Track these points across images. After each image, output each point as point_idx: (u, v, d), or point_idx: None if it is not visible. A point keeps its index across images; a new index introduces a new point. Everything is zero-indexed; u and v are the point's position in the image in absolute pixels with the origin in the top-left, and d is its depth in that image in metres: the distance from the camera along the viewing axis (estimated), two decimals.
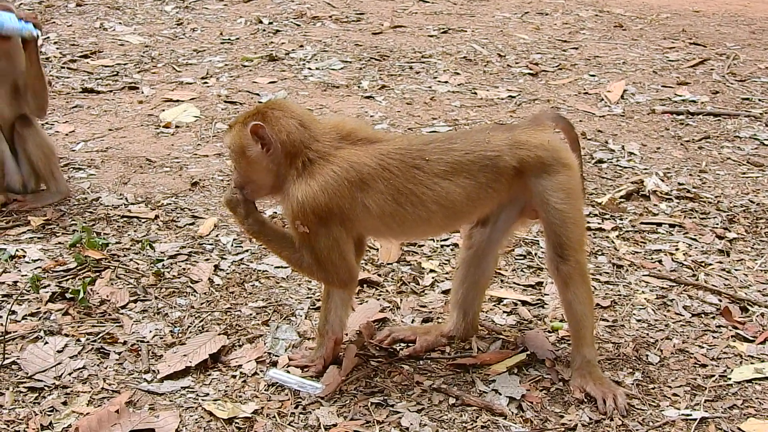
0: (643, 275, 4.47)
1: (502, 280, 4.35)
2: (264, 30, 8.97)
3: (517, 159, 3.25)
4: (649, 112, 6.92)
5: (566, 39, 9.10)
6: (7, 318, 3.75)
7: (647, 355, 3.71)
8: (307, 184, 3.15)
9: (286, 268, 4.34)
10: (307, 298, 4.09)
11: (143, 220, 4.83)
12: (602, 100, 7.20)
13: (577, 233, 3.34)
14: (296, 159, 3.20)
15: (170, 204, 5.05)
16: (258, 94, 7.00)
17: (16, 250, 4.41)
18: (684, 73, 8.03)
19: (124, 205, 5.02)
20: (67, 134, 6.10)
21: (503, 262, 4.52)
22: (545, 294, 4.25)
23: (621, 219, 5.07)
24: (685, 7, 10.94)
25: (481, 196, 3.29)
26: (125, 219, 4.85)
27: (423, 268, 4.44)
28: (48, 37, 8.34)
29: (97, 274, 4.20)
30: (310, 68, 7.74)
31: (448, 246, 4.68)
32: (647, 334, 3.88)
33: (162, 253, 4.45)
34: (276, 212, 4.91)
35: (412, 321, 3.98)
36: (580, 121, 6.66)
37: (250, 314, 3.95)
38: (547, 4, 10.69)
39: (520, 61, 8.19)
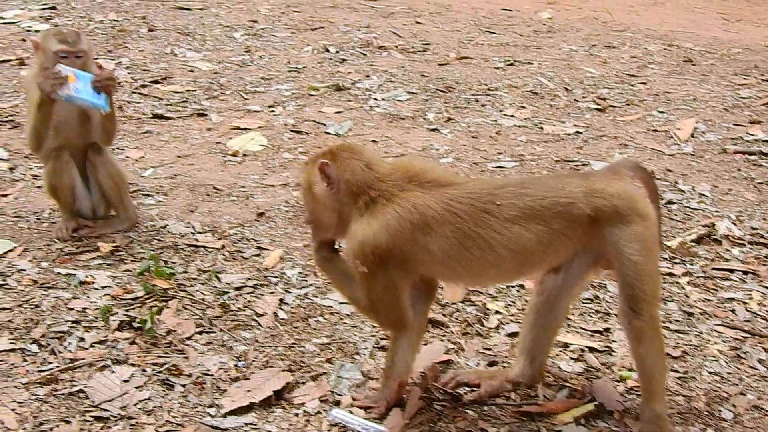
0: (715, 325, 4.38)
1: (569, 325, 4.29)
2: (331, 59, 9.02)
3: (592, 207, 3.20)
4: (720, 152, 6.81)
5: (634, 73, 9.01)
6: (77, 346, 3.78)
7: (720, 411, 3.63)
8: (368, 224, 3.19)
9: (350, 304, 4.32)
10: (371, 336, 4.07)
11: (210, 250, 4.86)
12: (671, 137, 7.11)
13: (652, 287, 3.27)
14: (359, 199, 3.24)
15: (236, 234, 5.07)
16: (324, 124, 7.03)
17: (86, 276, 4.45)
18: (756, 111, 7.90)
19: (191, 233, 5.05)
20: (136, 160, 6.17)
21: (570, 305, 4.46)
22: (613, 341, 4.18)
23: (692, 264, 4.98)
24: (757, 42, 10.79)
25: (553, 243, 3.24)
26: (192, 248, 4.88)
27: (488, 309, 4.40)
28: (120, 62, 8.47)
29: (164, 303, 4.23)
30: (375, 99, 7.75)
31: (513, 287, 4.64)
32: (720, 388, 3.80)
33: (228, 284, 4.47)
34: None
35: (477, 364, 3.94)
36: (649, 159, 6.57)
37: (314, 351, 3.94)
38: (614, 36, 10.62)
39: (587, 96, 8.13)
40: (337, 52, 9.32)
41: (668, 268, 4.92)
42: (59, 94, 4.54)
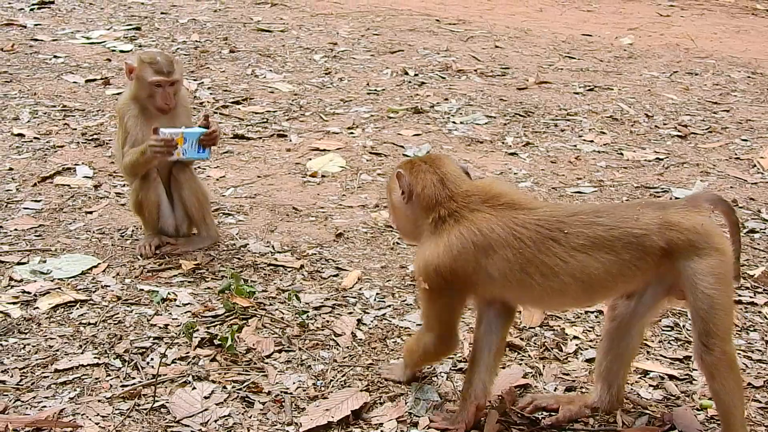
0: None
1: (648, 352, 4.24)
2: (410, 82, 9.07)
3: (665, 240, 3.17)
4: None
5: (717, 101, 8.89)
6: (159, 361, 3.85)
7: None
8: (435, 244, 3.27)
9: None
10: (449, 358, 4.06)
11: (289, 269, 4.91)
12: (755, 166, 7.00)
13: (726, 322, 3.21)
14: (430, 215, 3.33)
15: (315, 254, 5.12)
16: (402, 147, 7.07)
17: (168, 293, 4.53)
18: None
19: (271, 253, 5.12)
20: (218, 179, 6.27)
21: (650, 332, 4.42)
22: (694, 369, 4.12)
23: None
24: None
25: (623, 273, 3.22)
26: (271, 267, 4.94)
27: (566, 335, 4.37)
28: (202, 83, 8.63)
29: (244, 321, 4.28)
30: (454, 122, 7.77)
31: (592, 312, 4.60)
32: None
33: (306, 304, 4.51)
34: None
35: (555, 389, 3.92)
36: (731, 187, 6.48)
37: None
38: (697, 63, 10.50)
39: (668, 122, 8.04)
40: (416, 75, 9.37)
41: (750, 297, 4.84)
42: (168, 159, 4.68)
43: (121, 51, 9.81)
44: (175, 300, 4.49)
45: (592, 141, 7.44)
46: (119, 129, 4.92)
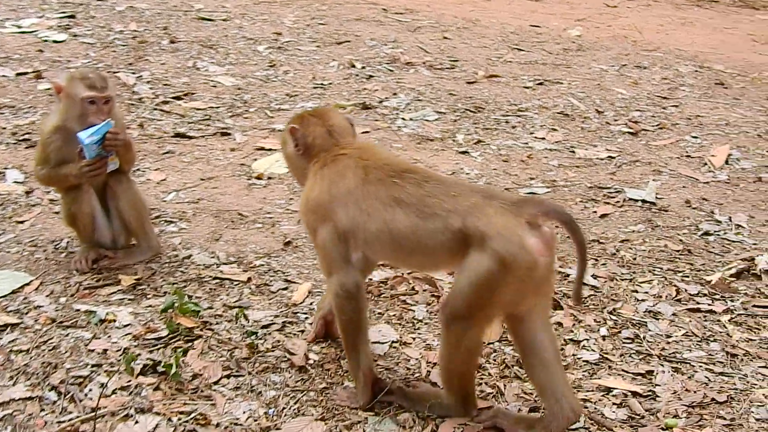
0: (760, 367, 4.20)
1: (610, 367, 4.11)
2: (357, 75, 8.85)
3: (464, 224, 3.27)
4: (755, 180, 6.61)
5: (666, 95, 8.82)
6: (99, 393, 3.62)
7: None
8: (310, 185, 3.63)
9: (383, 344, 4.17)
10: (406, 378, 3.89)
11: (235, 283, 4.69)
12: (706, 164, 6.92)
13: (461, 309, 3.32)
14: (315, 161, 3.66)
15: (263, 265, 4.91)
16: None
17: (107, 314, 4.29)
18: None
19: (216, 264, 4.90)
20: (158, 183, 6.02)
21: (610, 345, 4.29)
22: (657, 384, 4.01)
23: (732, 300, 4.79)
24: None
25: (426, 242, 3.34)
26: (217, 281, 4.72)
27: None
28: (141, 76, 8.32)
29: (189, 344, 4.07)
30: (403, 118, 7.59)
31: (551, 325, 4.44)
32: None
33: (255, 322, 4.30)
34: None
35: (519, 410, 3.76)
36: (684, 187, 6.39)
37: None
38: (645, 57, 10.42)
39: (619, 119, 7.94)
40: (364, 67, 9.15)
41: (709, 304, 4.74)
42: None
43: (55, 41, 9.42)
44: (115, 321, 4.25)
45: (543, 138, 7.30)
46: (39, 149, 4.65)
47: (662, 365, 4.13)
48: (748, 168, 6.87)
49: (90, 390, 3.68)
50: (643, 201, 6.06)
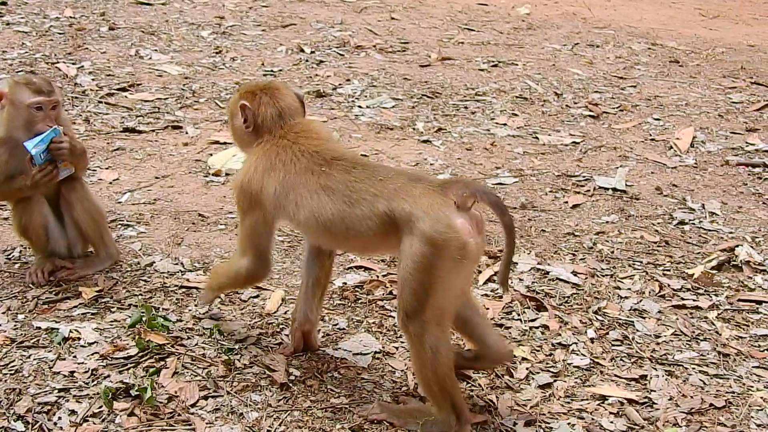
0: (754, 367, 4.08)
1: (602, 372, 3.96)
2: (306, 60, 8.59)
3: (391, 207, 3.27)
4: (722, 164, 6.53)
5: (622, 75, 8.70)
6: (68, 421, 3.35)
7: None
8: (246, 164, 3.62)
9: (365, 355, 3.97)
10: (393, 392, 3.70)
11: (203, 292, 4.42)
12: (671, 148, 6.81)
13: (413, 304, 3.28)
14: (259, 140, 3.63)
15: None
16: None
17: (70, 331, 4.01)
18: (751, 118, 7.64)
19: (181, 272, 4.64)
20: (111, 183, 5.72)
21: (599, 348, 4.14)
22: (652, 390, 3.87)
23: (716, 295, 4.67)
24: (738, 41, 10.54)
25: (354, 226, 3.35)
26: (184, 290, 4.47)
27: (514, 356, 4.03)
28: (82, 66, 7.96)
29: (162, 362, 3.81)
30: (360, 106, 7.35)
31: (537, 328, 4.28)
32: None
33: (229, 335, 4.05)
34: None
35: (514, 424, 3.59)
36: (652, 173, 6.27)
37: (333, 415, 3.56)
38: (596, 35, 10.29)
39: (579, 101, 7.80)
40: (313, 52, 8.89)
41: (694, 300, 4.62)
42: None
43: None
44: (79, 339, 3.98)
45: (505, 124, 7.13)
46: None
47: (655, 369, 4.00)
48: (714, 151, 6.77)
49: (59, 418, 3.42)
50: (614, 189, 5.93)
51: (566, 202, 5.71)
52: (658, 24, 10.93)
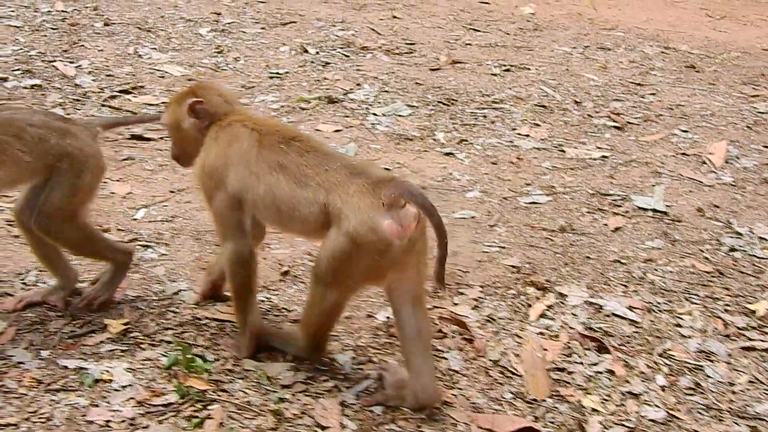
0: None
1: (680, 426, 3.69)
2: (312, 62, 8.24)
3: (326, 200, 3.44)
4: (761, 181, 6.27)
5: (639, 81, 8.44)
6: None
7: None
8: (206, 150, 3.73)
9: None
10: None
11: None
12: (704, 163, 6.55)
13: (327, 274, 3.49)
14: (212, 128, 3.77)
15: (263, 301, 4.32)
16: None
17: (101, 372, 3.65)
18: None
19: (211, 302, 4.28)
20: (124, 197, 5.36)
21: (673, 398, 3.85)
22: None
23: None
24: (751, 44, 10.31)
25: (300, 208, 3.50)
26: (217, 323, 4.13)
27: (584, 407, 3.74)
28: (80, 65, 7.56)
29: (205, 411, 3.47)
30: (375, 114, 7.02)
31: (602, 374, 3.99)
32: None
33: (273, 380, 3.71)
34: None
35: None
36: (690, 191, 6.01)
37: None
38: (605, 36, 10.01)
39: (600, 110, 7.52)
40: (317, 53, 8.54)
41: (762, 341, 4.37)
42: None
43: None
44: (111, 381, 3.62)
45: (528, 135, 6.84)
46: None
47: (737, 424, 3.71)
48: (750, 167, 6.52)
49: None
50: (654, 210, 5.64)
51: (606, 225, 5.43)
52: (666, 25, 10.68)
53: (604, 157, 6.52)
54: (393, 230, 3.31)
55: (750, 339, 4.33)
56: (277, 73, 7.84)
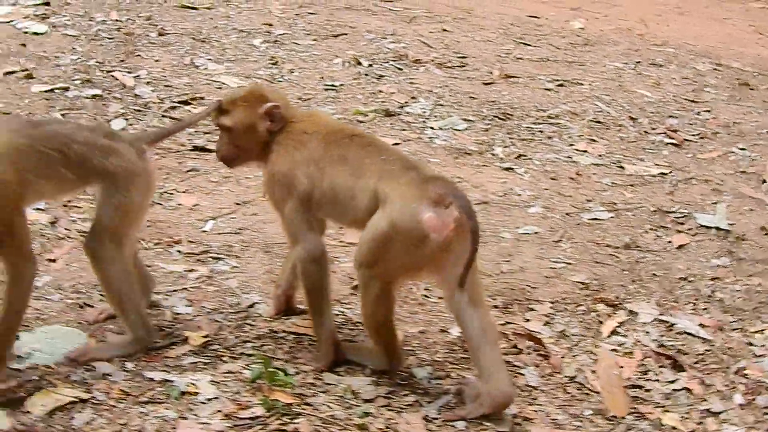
0: None
1: None
2: (366, 74, 8.28)
3: (378, 187, 3.61)
4: None
5: (693, 98, 8.43)
6: None
7: None
8: (276, 156, 3.86)
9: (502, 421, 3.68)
10: None
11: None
12: (764, 182, 6.54)
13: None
14: (279, 135, 3.91)
15: (337, 314, 4.37)
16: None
17: (186, 384, 3.71)
18: None
19: (286, 316, 4.33)
20: (191, 208, 5.43)
21: (751, 417, 3.86)
22: None
23: None
24: None
25: (356, 196, 3.68)
26: (294, 336, 4.19)
27: (663, 425, 3.75)
28: (138, 76, 7.64)
29: (294, 427, 3.51)
30: (432, 127, 7.07)
31: (679, 391, 4.00)
32: None
33: (354, 393, 3.75)
34: None
35: None
36: (751, 210, 6.03)
37: None
38: (656, 52, 10.00)
39: (656, 127, 7.53)
40: (371, 65, 8.58)
41: None
42: None
43: (36, 33, 8.65)
44: (197, 394, 3.67)
45: (585, 151, 6.86)
46: None
47: None
48: None
49: None
50: (717, 228, 5.64)
51: (670, 242, 5.45)
52: (716, 42, 10.64)
53: (662, 173, 6.53)
54: (431, 224, 3.43)
55: None
56: (333, 86, 7.89)
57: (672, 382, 4.07)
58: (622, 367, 4.13)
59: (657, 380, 4.07)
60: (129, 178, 3.78)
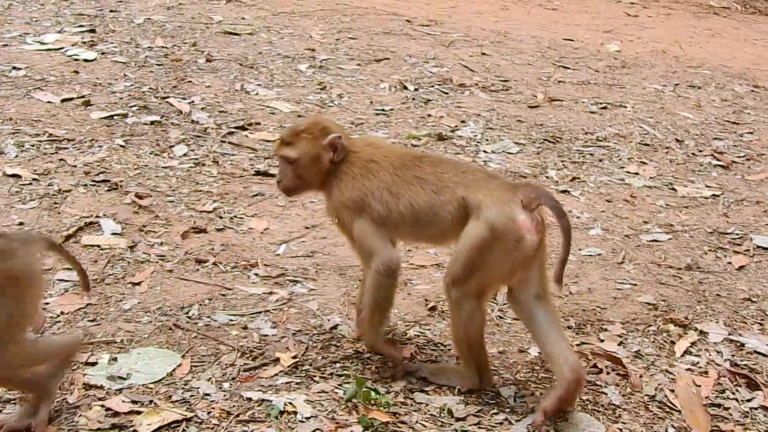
0: None
1: None
2: (413, 99, 8.45)
3: (464, 195, 3.78)
4: None
5: (734, 120, 8.57)
6: None
7: None
8: (341, 184, 3.99)
9: None
10: None
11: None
12: None
13: (458, 272, 3.78)
14: (341, 164, 4.02)
15: (418, 336, 4.52)
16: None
17: (284, 404, 3.85)
18: None
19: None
20: (262, 232, 5.57)
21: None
22: None
23: None
24: None
25: (438, 211, 3.83)
26: (379, 357, 4.31)
27: None
28: (193, 102, 7.81)
29: None
30: (485, 151, 7.22)
31: (757, 410, 4.12)
32: None
33: (449, 413, 3.89)
34: None
35: None
36: None
37: None
38: (693, 75, 10.15)
39: (702, 149, 7.67)
40: (416, 89, 8.75)
41: None
42: None
43: (86, 60, 8.86)
44: (295, 413, 3.81)
45: (637, 173, 6.99)
46: None
47: None
48: None
49: None
50: None
51: (730, 263, 5.57)
52: (750, 63, 10.80)
53: (714, 195, 6.66)
54: (527, 225, 3.64)
55: None
56: (383, 110, 8.05)
57: (749, 400, 4.17)
58: (699, 386, 4.23)
59: (735, 399, 4.18)
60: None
